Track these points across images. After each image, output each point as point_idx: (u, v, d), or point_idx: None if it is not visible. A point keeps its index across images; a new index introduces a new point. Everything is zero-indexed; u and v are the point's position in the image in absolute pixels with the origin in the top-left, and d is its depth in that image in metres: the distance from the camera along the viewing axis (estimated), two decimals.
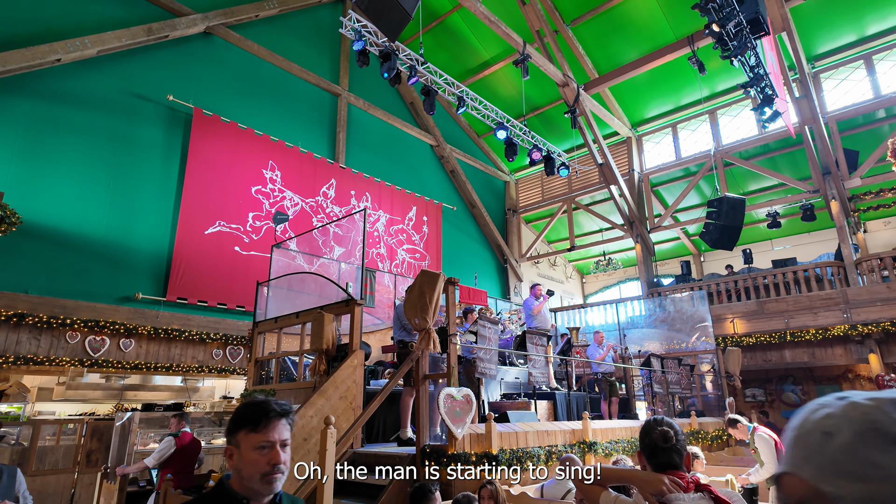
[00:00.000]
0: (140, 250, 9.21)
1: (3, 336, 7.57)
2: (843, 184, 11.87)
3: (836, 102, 12.65)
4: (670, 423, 1.85)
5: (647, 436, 1.84)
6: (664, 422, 1.85)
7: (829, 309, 11.15)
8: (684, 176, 15.34)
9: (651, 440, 1.82)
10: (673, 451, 1.79)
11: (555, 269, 19.45)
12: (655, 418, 1.88)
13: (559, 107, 14.72)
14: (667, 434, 1.79)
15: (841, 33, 12.14)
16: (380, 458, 4.86)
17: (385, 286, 10.31)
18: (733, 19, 7.19)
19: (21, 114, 8.31)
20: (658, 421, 1.85)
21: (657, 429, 1.82)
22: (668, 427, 1.82)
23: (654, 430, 1.82)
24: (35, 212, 8.10)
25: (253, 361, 6.90)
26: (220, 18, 10.84)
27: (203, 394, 11.54)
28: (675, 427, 1.84)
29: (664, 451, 1.79)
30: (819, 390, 12.69)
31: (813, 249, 15.03)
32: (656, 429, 1.82)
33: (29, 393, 9.12)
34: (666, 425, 1.82)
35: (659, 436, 1.80)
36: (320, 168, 12.36)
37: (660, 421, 1.85)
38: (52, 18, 8.81)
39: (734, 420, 5.48)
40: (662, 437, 1.79)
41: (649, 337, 12.92)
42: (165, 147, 9.89)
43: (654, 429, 1.83)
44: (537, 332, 7.21)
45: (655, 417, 1.90)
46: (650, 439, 1.82)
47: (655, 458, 1.80)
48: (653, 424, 1.85)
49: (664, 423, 1.83)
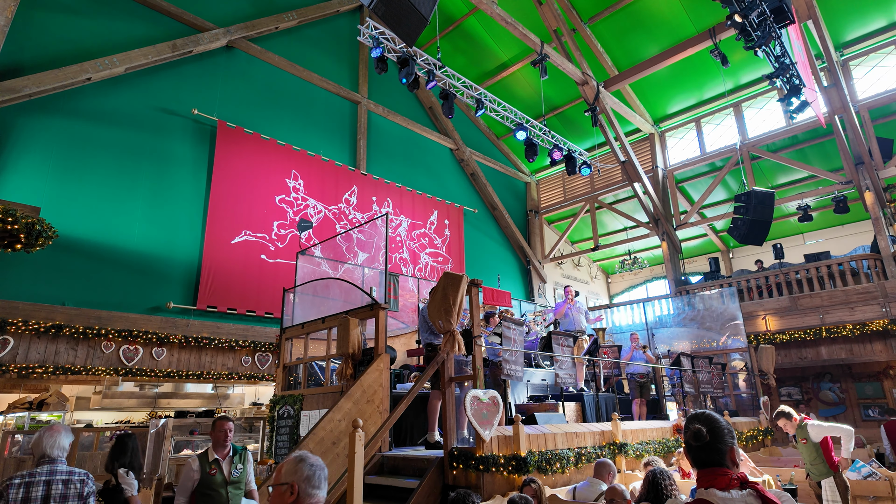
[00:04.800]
0: (170, 261, 9.44)
1: (42, 347, 7.83)
2: (877, 174, 11.48)
3: (868, 90, 12.26)
4: (708, 417, 1.77)
5: (685, 433, 1.80)
6: (701, 418, 1.78)
7: (866, 303, 10.77)
8: (710, 171, 15.04)
9: (686, 439, 1.77)
10: (710, 450, 1.72)
11: (579, 270, 19.24)
12: (694, 414, 1.82)
13: (579, 105, 14.59)
14: (699, 433, 1.73)
15: (870, 19, 11.76)
16: (408, 461, 4.87)
17: (409, 290, 10.34)
18: (756, 9, 7.03)
19: (55, 132, 8.62)
20: (694, 417, 1.79)
21: (691, 427, 1.76)
22: (702, 424, 1.75)
23: (688, 428, 1.77)
24: (70, 226, 8.38)
25: (281, 367, 6.99)
26: (242, 32, 11.08)
27: (233, 400, 11.75)
28: (714, 423, 1.76)
29: (699, 449, 1.74)
30: (858, 388, 12.26)
31: (847, 242, 14.54)
32: (690, 427, 1.76)
33: (68, 402, 9.42)
34: (701, 422, 1.76)
35: (691, 435, 1.75)
36: (342, 175, 12.50)
37: (696, 417, 1.79)
38: (82, 39, 9.12)
39: (789, 413, 5.33)
40: (694, 437, 1.74)
41: (678, 336, 12.67)
42: (192, 160, 10.13)
43: (688, 427, 1.78)
44: (563, 334, 7.14)
45: (694, 413, 1.83)
46: (685, 438, 1.78)
47: (692, 456, 1.76)
48: (688, 422, 1.80)
49: (699, 420, 1.77)
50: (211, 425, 3.89)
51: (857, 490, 5.42)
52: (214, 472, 3.64)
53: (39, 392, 9.50)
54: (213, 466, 3.65)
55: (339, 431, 4.78)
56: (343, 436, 4.77)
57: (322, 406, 5.87)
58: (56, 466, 2.82)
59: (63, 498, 2.75)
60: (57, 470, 2.80)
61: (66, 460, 2.89)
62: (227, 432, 3.79)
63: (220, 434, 3.77)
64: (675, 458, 5.91)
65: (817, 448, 5.04)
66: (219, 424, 3.82)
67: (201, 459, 3.69)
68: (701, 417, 1.79)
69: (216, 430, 3.80)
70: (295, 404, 6.28)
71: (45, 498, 2.71)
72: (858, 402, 12.18)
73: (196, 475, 3.60)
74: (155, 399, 10.64)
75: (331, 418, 4.82)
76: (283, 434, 6.31)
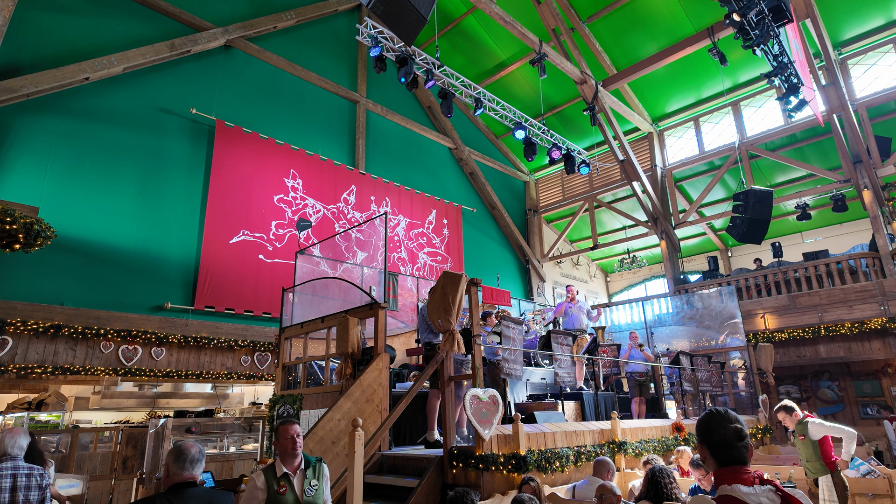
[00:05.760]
0: (169, 261, 9.43)
1: (41, 347, 7.82)
2: (875, 172, 11.50)
3: (866, 88, 12.27)
4: (737, 417, 1.82)
5: (717, 431, 1.80)
6: (732, 417, 1.81)
7: (864, 301, 10.79)
8: (708, 170, 15.05)
9: (724, 437, 1.78)
10: (744, 448, 1.77)
11: (578, 269, 19.26)
12: (721, 412, 1.84)
13: (578, 104, 14.60)
14: (741, 432, 1.78)
15: (868, 17, 11.78)
16: (408, 460, 4.87)
17: (408, 289, 10.34)
18: (754, 7, 7.04)
19: (53, 132, 8.60)
20: (726, 416, 1.82)
21: (730, 426, 1.79)
22: (739, 424, 1.80)
23: (727, 426, 1.79)
24: (69, 226, 8.37)
25: (280, 367, 6.99)
26: (240, 31, 11.06)
27: (232, 400, 11.75)
28: (741, 421, 1.82)
29: (737, 448, 1.77)
30: (857, 386, 12.29)
31: (846, 241, 14.56)
32: (728, 426, 1.79)
33: (67, 402, 9.41)
34: (736, 421, 1.80)
35: (733, 433, 1.77)
36: (341, 175, 12.49)
37: (728, 416, 1.82)
38: (80, 38, 9.11)
39: (790, 408, 5.33)
40: (737, 435, 1.77)
41: (677, 335, 12.69)
42: (190, 159, 10.12)
43: (724, 425, 1.79)
44: (562, 332, 7.14)
45: (720, 411, 1.85)
46: (722, 436, 1.78)
47: (726, 453, 1.78)
48: (722, 420, 1.81)
49: (734, 420, 1.81)
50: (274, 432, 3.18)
51: (856, 488, 5.43)
52: (284, 490, 2.96)
53: (38, 392, 9.49)
54: (283, 483, 2.99)
55: (338, 431, 4.78)
56: (343, 435, 4.78)
57: (321, 405, 5.87)
58: (17, 462, 3.27)
59: (27, 488, 3.25)
60: (19, 465, 3.27)
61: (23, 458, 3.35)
62: (296, 438, 3.08)
63: (287, 442, 3.06)
64: (674, 457, 5.92)
65: (815, 446, 5.05)
66: (283, 430, 3.09)
67: (267, 474, 3.01)
68: (731, 416, 1.81)
69: (281, 437, 3.07)
70: (294, 404, 6.28)
71: (13, 488, 3.20)
72: (857, 400, 12.21)
73: (262, 494, 2.94)
74: (154, 399, 10.64)
75: (330, 417, 4.82)
76: None
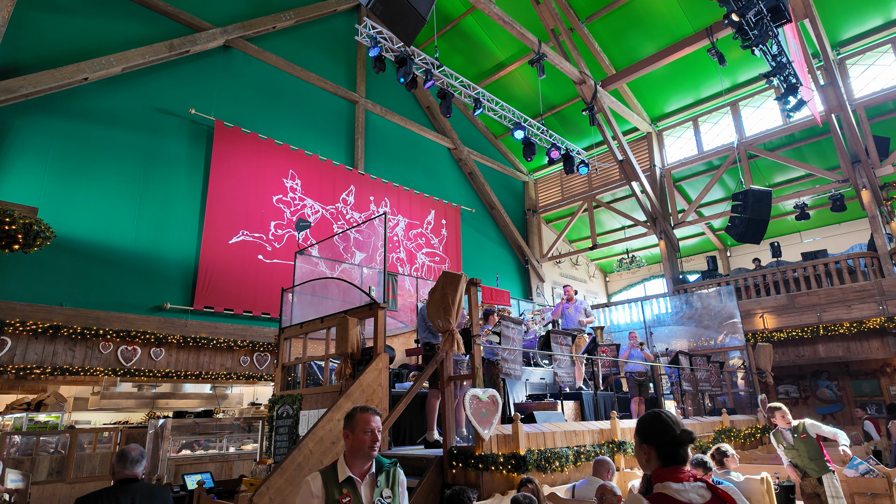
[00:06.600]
0: (168, 261, 9.42)
1: (40, 347, 7.81)
2: (873, 172, 11.52)
3: (864, 89, 12.29)
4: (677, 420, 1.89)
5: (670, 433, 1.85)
6: (679, 419, 1.89)
7: (863, 301, 10.81)
8: (707, 170, 15.07)
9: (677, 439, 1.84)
10: (689, 448, 1.85)
11: (577, 269, 19.27)
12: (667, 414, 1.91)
13: (577, 105, 14.61)
14: (693, 435, 1.85)
15: (866, 18, 11.80)
16: (407, 459, 4.87)
17: (407, 290, 10.34)
18: (753, 7, 7.05)
19: (52, 132, 8.60)
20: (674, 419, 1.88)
21: (683, 429, 1.85)
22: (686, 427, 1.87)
23: (680, 428, 1.85)
24: (68, 226, 8.36)
25: (280, 367, 6.99)
26: (239, 32, 11.06)
27: (232, 400, 11.74)
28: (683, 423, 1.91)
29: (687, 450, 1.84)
30: (855, 385, 12.31)
31: (844, 240, 14.59)
32: (681, 428, 1.85)
33: (66, 403, 9.40)
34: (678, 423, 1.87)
35: (687, 436, 1.84)
36: (339, 175, 12.49)
37: (676, 419, 1.88)
38: (79, 39, 9.10)
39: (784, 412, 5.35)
40: (690, 438, 1.84)
41: (676, 334, 12.70)
42: (189, 159, 10.11)
43: (676, 428, 1.85)
44: (561, 332, 7.15)
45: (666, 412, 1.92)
46: (675, 437, 1.84)
47: (675, 454, 1.84)
48: (673, 423, 1.87)
49: (680, 423, 1.87)
50: (346, 419, 2.31)
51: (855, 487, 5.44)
52: (349, 500, 2.20)
53: (37, 393, 9.48)
54: (346, 491, 2.21)
55: (338, 431, 4.78)
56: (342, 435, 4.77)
57: (321, 406, 5.87)
58: None
59: None
60: None
61: None
62: (376, 432, 2.28)
63: (367, 437, 2.26)
64: None
65: (816, 444, 5.07)
66: (363, 419, 2.28)
67: (326, 478, 2.22)
68: (678, 419, 1.89)
69: (359, 429, 2.27)
70: (294, 404, 6.28)
71: None
72: (855, 400, 12.23)
73: (318, 502, 2.17)
74: (153, 399, 10.63)
75: (330, 417, 4.82)
76: (282, 434, 6.31)
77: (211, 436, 9.07)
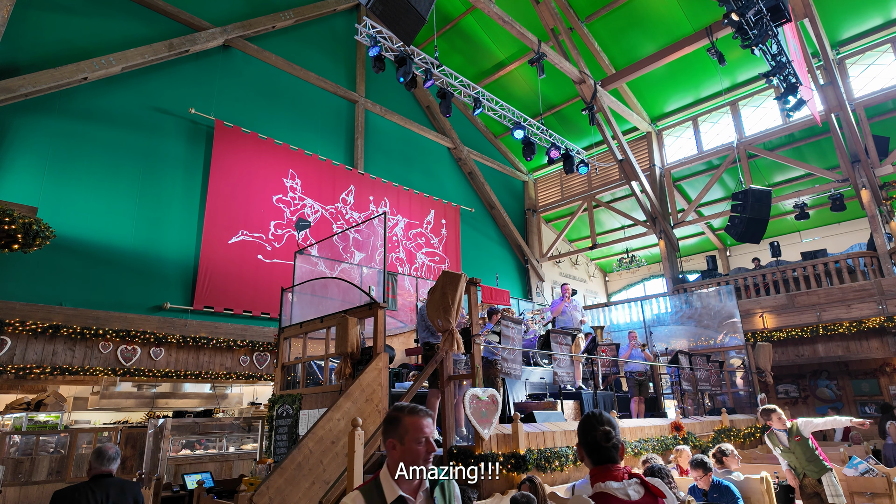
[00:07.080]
0: (167, 261, 9.42)
1: (39, 347, 7.81)
2: (873, 171, 11.52)
3: (864, 88, 12.29)
4: (609, 419, 1.96)
5: (589, 434, 1.95)
6: (604, 419, 1.95)
7: (863, 301, 10.81)
8: (707, 169, 15.07)
9: (593, 438, 1.93)
10: (613, 448, 1.92)
11: (577, 268, 19.27)
12: (595, 415, 1.98)
13: (576, 104, 14.61)
14: (609, 434, 1.92)
15: (866, 17, 11.80)
16: None
17: (406, 290, 10.34)
18: (753, 7, 7.05)
19: (52, 132, 8.59)
20: (599, 419, 1.96)
21: (599, 428, 1.93)
22: (609, 427, 1.93)
23: (597, 429, 1.93)
24: (67, 226, 8.35)
25: (280, 367, 6.99)
26: (238, 31, 11.05)
27: (231, 400, 11.74)
28: (614, 423, 1.97)
29: (606, 448, 1.91)
30: (855, 385, 12.31)
31: (844, 240, 14.59)
32: (599, 428, 1.93)
33: (65, 402, 9.40)
34: (607, 424, 1.94)
35: (602, 435, 1.91)
36: (339, 175, 12.49)
37: (600, 419, 1.96)
38: (78, 38, 9.09)
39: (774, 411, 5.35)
40: (605, 437, 1.91)
41: (676, 334, 12.71)
42: (189, 159, 10.10)
43: (596, 427, 1.94)
44: (561, 332, 7.15)
45: (594, 413, 1.99)
46: (593, 437, 1.93)
47: (598, 453, 1.93)
48: (594, 423, 1.96)
49: (605, 422, 1.94)
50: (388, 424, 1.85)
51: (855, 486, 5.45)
52: None
53: (37, 393, 9.48)
54: None
55: (338, 430, 4.78)
56: (342, 435, 4.77)
57: (321, 405, 5.87)
58: None
59: None
60: None
61: None
62: (430, 440, 1.81)
63: (420, 448, 1.79)
64: (673, 456, 5.93)
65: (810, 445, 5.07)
66: (415, 425, 1.80)
67: (370, 499, 1.75)
68: (603, 419, 1.96)
69: (410, 437, 1.79)
70: (293, 404, 6.28)
71: None
72: (855, 399, 12.24)
73: None
74: (153, 399, 10.62)
75: (330, 417, 4.82)
76: (282, 433, 6.31)
77: (211, 435, 9.06)
